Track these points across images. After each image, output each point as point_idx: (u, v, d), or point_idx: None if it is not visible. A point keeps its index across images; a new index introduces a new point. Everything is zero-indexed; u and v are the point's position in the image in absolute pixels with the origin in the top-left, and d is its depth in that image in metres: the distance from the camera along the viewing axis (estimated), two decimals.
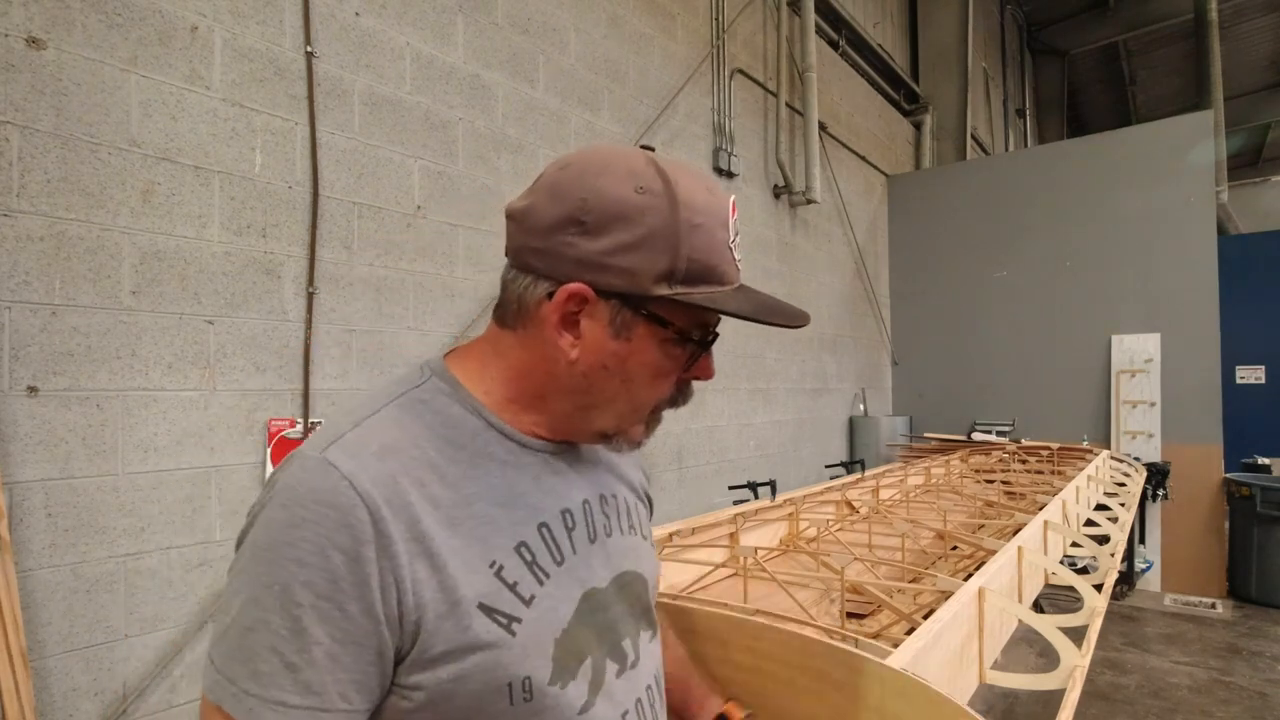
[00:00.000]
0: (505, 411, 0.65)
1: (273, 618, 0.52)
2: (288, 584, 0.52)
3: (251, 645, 0.52)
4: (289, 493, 0.55)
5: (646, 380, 0.63)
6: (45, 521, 1.69)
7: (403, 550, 0.55)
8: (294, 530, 0.53)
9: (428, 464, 0.59)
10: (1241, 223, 7.81)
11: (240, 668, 0.52)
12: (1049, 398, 5.79)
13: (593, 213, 0.59)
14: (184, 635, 1.92)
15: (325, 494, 0.54)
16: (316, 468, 0.55)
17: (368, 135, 2.40)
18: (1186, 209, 5.23)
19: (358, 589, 0.53)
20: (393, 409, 0.62)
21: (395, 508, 0.55)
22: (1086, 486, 2.83)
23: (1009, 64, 10.52)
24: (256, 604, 0.53)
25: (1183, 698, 3.43)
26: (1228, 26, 9.31)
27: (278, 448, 2.13)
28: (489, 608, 0.58)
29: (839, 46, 5.96)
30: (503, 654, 0.57)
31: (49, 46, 1.71)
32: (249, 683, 0.52)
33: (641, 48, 3.67)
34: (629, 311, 0.60)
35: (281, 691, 0.52)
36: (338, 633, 0.53)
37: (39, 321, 1.69)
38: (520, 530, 0.62)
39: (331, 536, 0.53)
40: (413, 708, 0.57)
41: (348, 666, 0.53)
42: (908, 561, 1.74)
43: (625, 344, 0.61)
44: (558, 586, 0.63)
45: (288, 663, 0.52)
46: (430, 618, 0.55)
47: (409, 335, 2.52)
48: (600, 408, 0.64)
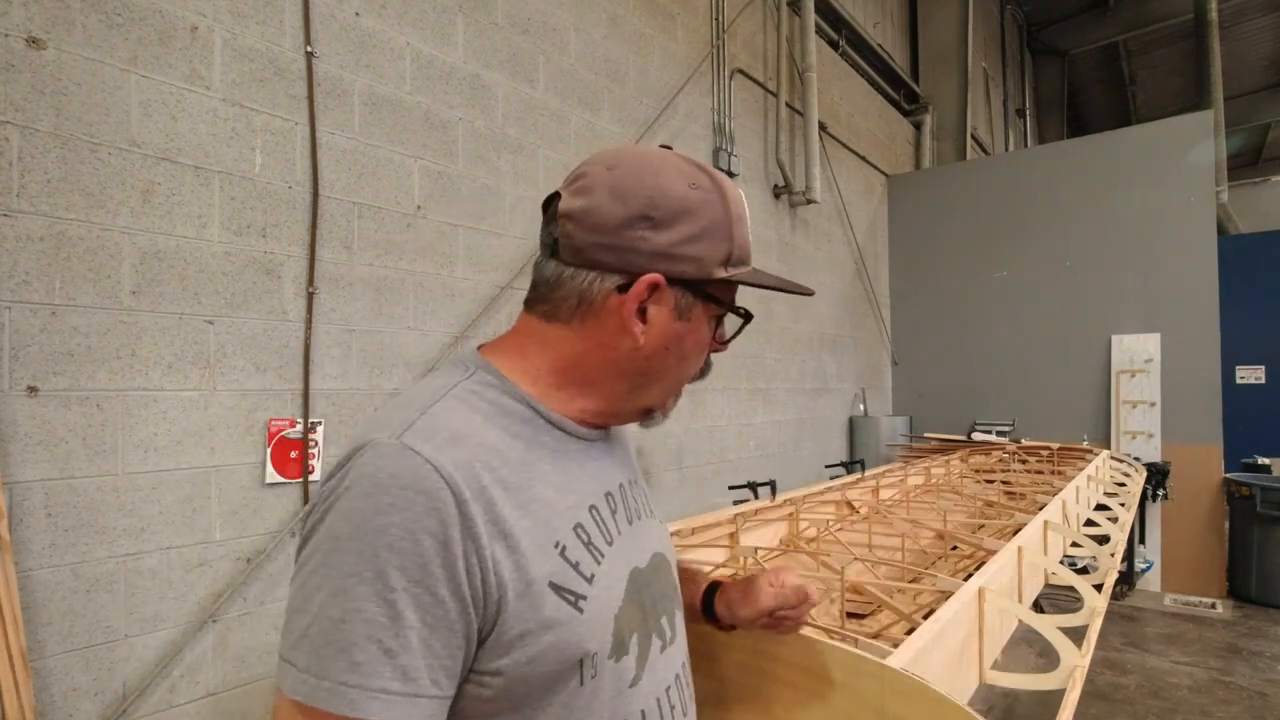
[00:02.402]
0: (551, 400, 0.68)
1: (367, 605, 0.52)
2: (381, 570, 0.52)
3: (346, 636, 0.52)
4: (369, 480, 0.55)
5: (695, 356, 0.71)
6: (45, 521, 1.69)
7: (484, 532, 0.56)
8: (381, 516, 0.53)
9: (493, 449, 0.61)
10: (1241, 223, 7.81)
11: (334, 662, 0.52)
12: (1049, 398, 5.79)
13: (660, 209, 0.65)
14: (184, 635, 1.92)
15: (410, 479, 0.54)
16: (397, 453, 0.56)
17: (368, 135, 2.40)
18: (1186, 209, 5.23)
19: (447, 572, 0.54)
20: (450, 401, 0.63)
21: (474, 490, 0.57)
22: (1086, 486, 2.83)
23: (1009, 64, 10.52)
24: (346, 594, 0.52)
25: (1183, 698, 3.43)
26: (1228, 26, 9.31)
27: (278, 448, 2.13)
28: (558, 586, 0.60)
29: (839, 46, 5.96)
30: (573, 631, 0.59)
31: (49, 46, 1.71)
32: (347, 674, 0.52)
33: (641, 48, 3.67)
34: (692, 295, 0.67)
35: (382, 679, 0.52)
36: (429, 618, 0.53)
37: (39, 321, 1.69)
38: (575, 513, 0.65)
39: (421, 521, 0.54)
40: (490, 695, 0.58)
41: (438, 652, 0.54)
42: (908, 561, 1.74)
43: (686, 324, 0.68)
44: (612, 565, 0.66)
45: (386, 649, 0.52)
46: (510, 598, 0.57)
47: (409, 335, 2.52)
48: (651, 386, 0.70)
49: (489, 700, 0.58)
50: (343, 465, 0.58)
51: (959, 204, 6.33)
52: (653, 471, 3.65)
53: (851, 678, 0.90)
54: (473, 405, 0.64)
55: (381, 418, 0.61)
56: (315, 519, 0.57)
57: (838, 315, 5.76)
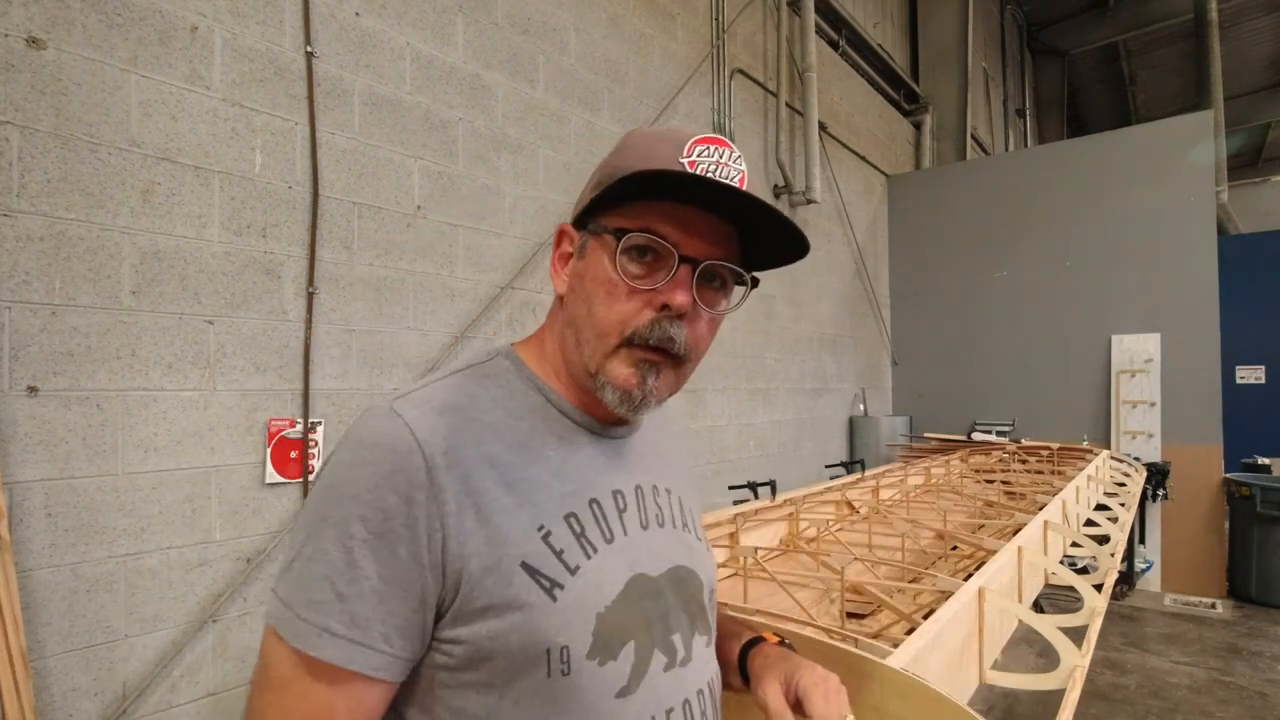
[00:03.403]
0: (566, 390, 0.69)
1: (330, 548, 0.55)
2: (345, 518, 0.56)
3: (310, 574, 0.55)
4: (355, 438, 0.59)
5: (602, 296, 0.64)
6: (45, 521, 1.69)
7: (452, 500, 0.57)
8: (355, 470, 0.57)
9: (487, 426, 0.63)
10: (1241, 223, 7.81)
11: (298, 595, 0.55)
12: (1049, 398, 5.79)
13: (602, 168, 0.69)
14: (184, 635, 1.92)
15: (386, 437, 0.58)
16: (383, 415, 0.59)
17: (368, 135, 2.40)
18: (1186, 209, 5.23)
19: (408, 531, 0.56)
20: (458, 377, 0.66)
21: (450, 459, 0.58)
22: (1086, 486, 2.83)
23: (1009, 64, 10.52)
24: (318, 536, 0.56)
25: (1183, 698, 3.43)
26: (1228, 26, 9.31)
27: (278, 448, 2.13)
28: (532, 568, 0.59)
29: (839, 46, 5.96)
30: (543, 617, 0.58)
31: (49, 46, 1.71)
32: (303, 609, 0.55)
33: (641, 48, 3.67)
34: (579, 230, 0.68)
35: (329, 619, 0.54)
36: (385, 571, 0.55)
37: (39, 321, 1.69)
38: (571, 502, 0.64)
39: (388, 477, 0.56)
40: (453, 665, 0.58)
41: (393, 609, 0.55)
42: (908, 561, 1.74)
43: (584, 262, 0.66)
44: (605, 563, 0.63)
45: (338, 592, 0.55)
46: (474, 569, 0.57)
47: (409, 335, 2.52)
48: (580, 341, 0.66)
49: (454, 670, 0.58)
50: (349, 427, 0.62)
51: (959, 204, 6.33)
52: None
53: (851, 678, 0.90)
54: (480, 385, 0.66)
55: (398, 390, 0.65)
56: (317, 472, 0.62)
57: (838, 315, 5.76)
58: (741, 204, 0.62)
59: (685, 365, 0.66)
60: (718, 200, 0.62)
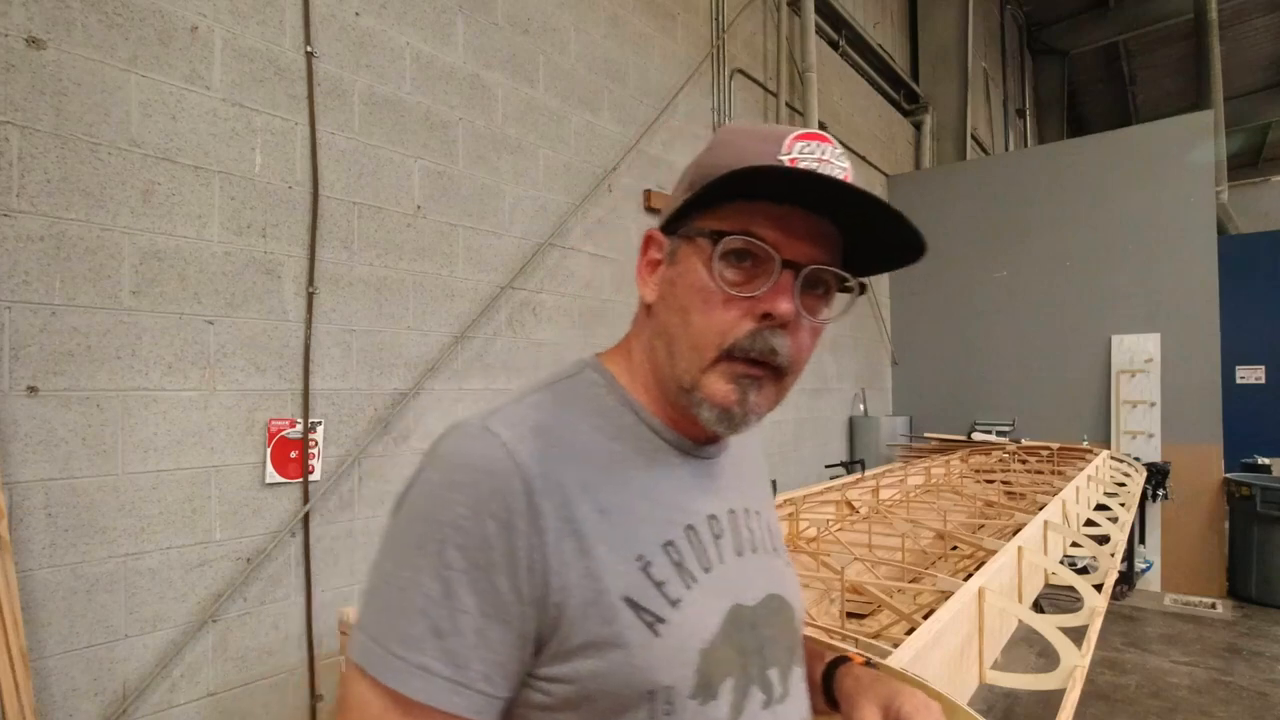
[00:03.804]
0: (656, 405, 0.64)
1: (424, 579, 0.51)
2: (442, 545, 0.51)
3: (403, 607, 0.51)
4: (447, 458, 0.55)
5: (699, 306, 0.58)
6: (45, 521, 1.69)
7: (552, 528, 0.53)
8: (450, 492, 0.52)
9: (580, 449, 0.58)
10: (1241, 223, 7.81)
11: (391, 630, 0.51)
12: (1049, 398, 5.79)
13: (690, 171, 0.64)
14: (184, 635, 1.92)
15: (483, 460, 0.53)
16: (477, 434, 0.55)
17: (368, 135, 2.40)
18: (1186, 209, 5.23)
19: (507, 561, 0.51)
20: (546, 394, 0.61)
21: (549, 483, 0.54)
22: (1086, 486, 2.83)
23: (1009, 64, 10.52)
24: (410, 565, 0.52)
25: (1183, 698, 3.43)
26: (1228, 26, 9.31)
27: (278, 448, 2.13)
28: (635, 603, 0.54)
29: (839, 46, 5.96)
30: (646, 655, 0.54)
31: (49, 46, 1.71)
32: (397, 645, 0.50)
33: (641, 48, 3.67)
34: (671, 236, 0.62)
35: (426, 656, 0.50)
36: (486, 606, 0.51)
37: (39, 321, 1.69)
38: (668, 529, 0.59)
39: (486, 502, 0.52)
40: (550, 704, 0.54)
41: (493, 645, 0.51)
42: (908, 561, 1.74)
43: (676, 268, 0.61)
44: (705, 595, 0.58)
45: (436, 628, 0.50)
46: (574, 604, 0.53)
47: (409, 335, 2.52)
48: (673, 353, 0.60)
49: (550, 710, 0.54)
50: (430, 447, 0.57)
51: (959, 204, 6.33)
52: None
53: None
54: (568, 403, 0.61)
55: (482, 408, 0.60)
56: (405, 489, 0.56)
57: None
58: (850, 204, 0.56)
59: (786, 379, 0.61)
60: (821, 200, 0.57)
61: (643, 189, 3.61)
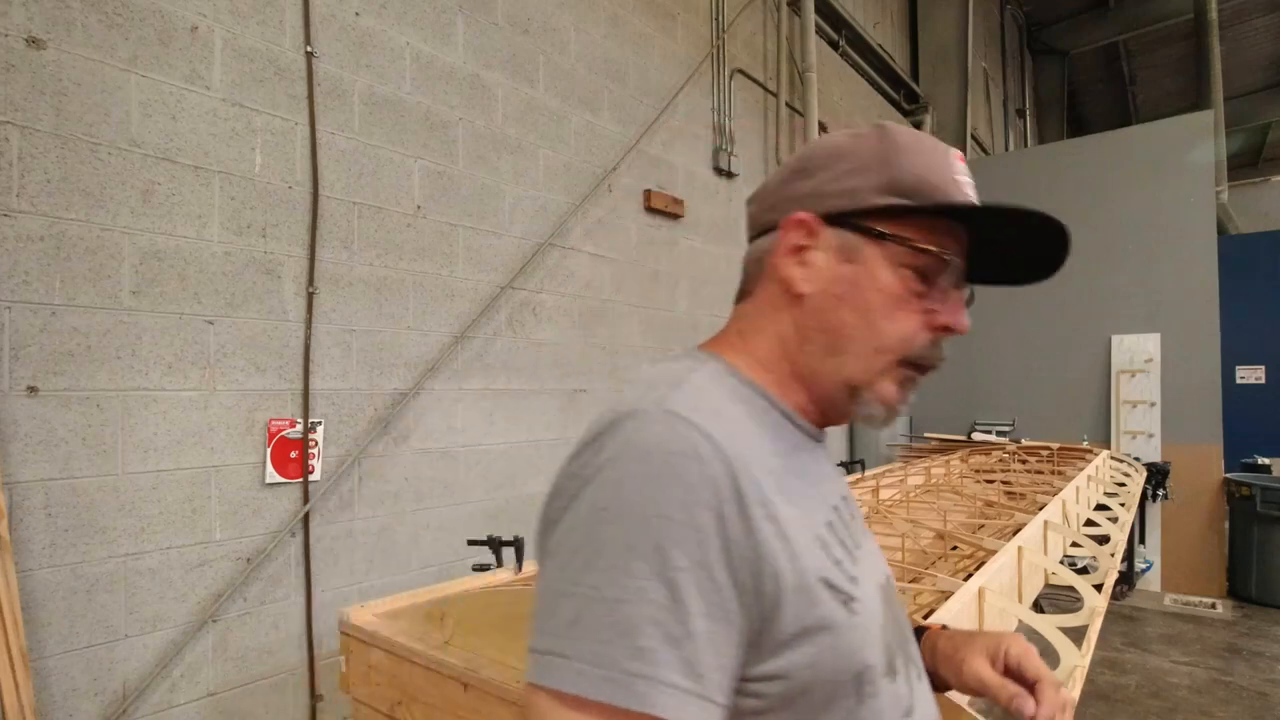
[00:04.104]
0: (785, 395, 0.62)
1: (647, 584, 0.45)
2: (659, 544, 0.45)
3: (628, 618, 0.44)
4: (636, 448, 0.48)
5: (885, 310, 0.58)
6: (45, 521, 1.69)
7: (755, 513, 0.49)
8: (656, 485, 0.47)
9: (750, 432, 0.55)
10: (1241, 223, 7.81)
11: (617, 647, 0.44)
12: (1049, 398, 5.79)
13: (813, 159, 0.62)
14: (184, 635, 1.92)
15: (682, 445, 0.48)
16: (664, 419, 0.50)
17: (368, 135, 2.40)
18: (1186, 209, 5.23)
19: (723, 553, 0.47)
20: (700, 378, 0.57)
21: (744, 465, 0.50)
22: (1086, 486, 2.83)
23: (1009, 64, 10.52)
24: (625, 571, 0.45)
25: (1183, 698, 3.43)
26: (1228, 26, 9.31)
27: (278, 448, 2.13)
28: (829, 583, 0.52)
29: (839, 46, 5.96)
30: (850, 636, 0.52)
31: (49, 46, 1.71)
32: (633, 662, 0.44)
33: (641, 48, 3.67)
34: (854, 232, 0.59)
35: (665, 669, 0.44)
36: (712, 607, 0.46)
37: (39, 321, 1.69)
38: (825, 511, 0.58)
39: (697, 491, 0.47)
40: (764, 708, 0.50)
41: (721, 649, 0.47)
42: (908, 561, 1.74)
43: (856, 267, 0.59)
44: (863, 573, 0.58)
45: (670, 636, 0.44)
46: (785, 590, 0.49)
47: (409, 335, 2.52)
48: (843, 351, 0.59)
49: (760, 713, 0.50)
50: (594, 440, 0.51)
51: None
52: None
53: None
54: (717, 387, 0.58)
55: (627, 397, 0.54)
56: (567, 498, 0.50)
57: None
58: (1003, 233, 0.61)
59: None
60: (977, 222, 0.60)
61: (643, 189, 3.61)
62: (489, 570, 1.73)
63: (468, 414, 2.72)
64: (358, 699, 1.48)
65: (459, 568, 2.59)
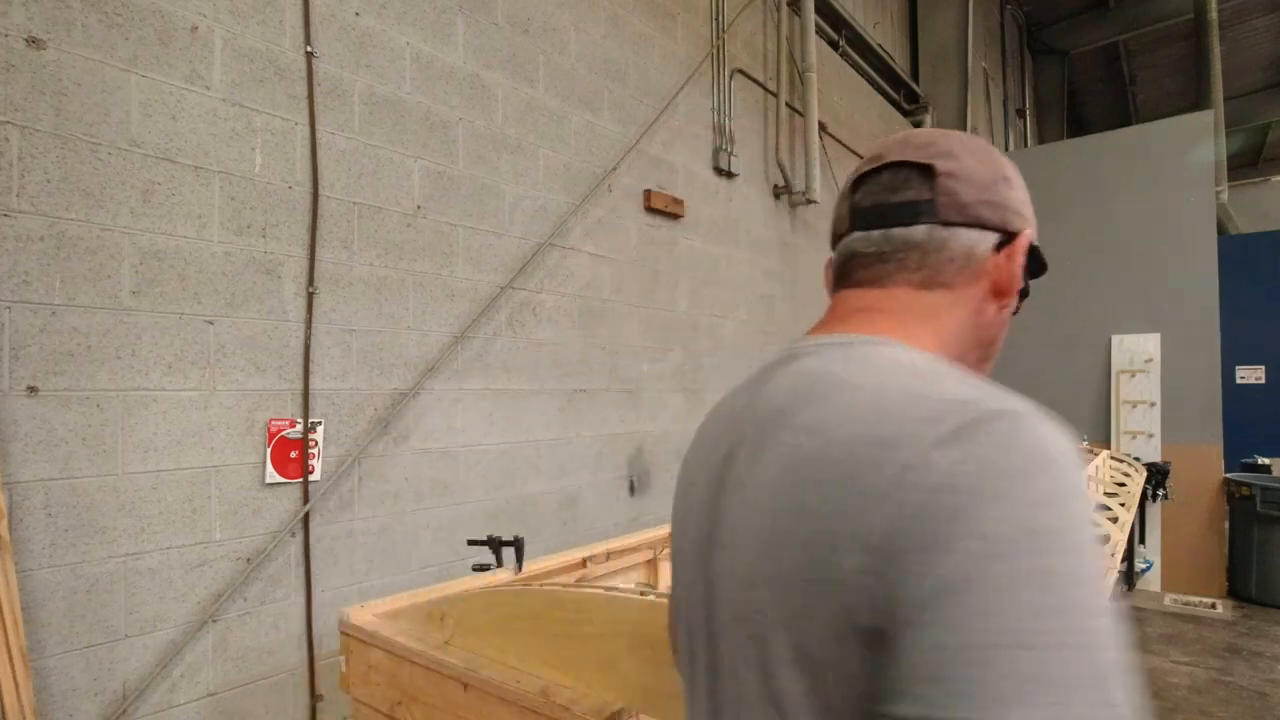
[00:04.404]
0: None
1: (1107, 621, 0.42)
2: (1099, 572, 0.42)
3: (1100, 665, 0.40)
4: (1061, 461, 0.44)
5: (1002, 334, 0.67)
6: (45, 521, 1.69)
7: None
8: (1078, 504, 0.43)
9: None
10: (1241, 223, 7.81)
11: (1114, 685, 0.40)
12: (1049, 398, 5.77)
13: (1005, 168, 0.66)
14: (184, 635, 1.92)
15: (1076, 458, 0.45)
16: (1048, 424, 0.46)
17: (368, 135, 2.40)
18: (1186, 209, 5.23)
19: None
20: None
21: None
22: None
23: (1009, 64, 10.52)
24: (1084, 612, 0.41)
25: (1183, 698, 3.43)
26: (1228, 26, 9.31)
27: (278, 448, 2.13)
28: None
29: (839, 46, 5.96)
30: None
31: (49, 46, 1.71)
32: (1120, 694, 0.40)
33: (641, 48, 3.67)
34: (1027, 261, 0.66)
35: (1127, 694, 0.41)
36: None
37: (39, 321, 1.69)
38: None
39: (1090, 508, 0.44)
40: None
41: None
42: None
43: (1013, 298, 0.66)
44: None
45: (1120, 659, 0.42)
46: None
47: (409, 335, 2.52)
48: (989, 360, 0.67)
49: None
50: (967, 436, 0.44)
51: None
52: (653, 471, 3.65)
53: None
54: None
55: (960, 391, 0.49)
56: (1033, 522, 0.41)
57: None
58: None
59: None
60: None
61: (643, 189, 3.61)
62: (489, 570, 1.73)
63: (467, 414, 2.72)
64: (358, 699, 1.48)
65: (459, 568, 2.59)
